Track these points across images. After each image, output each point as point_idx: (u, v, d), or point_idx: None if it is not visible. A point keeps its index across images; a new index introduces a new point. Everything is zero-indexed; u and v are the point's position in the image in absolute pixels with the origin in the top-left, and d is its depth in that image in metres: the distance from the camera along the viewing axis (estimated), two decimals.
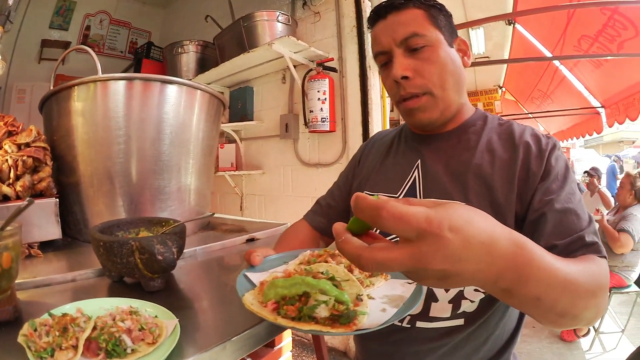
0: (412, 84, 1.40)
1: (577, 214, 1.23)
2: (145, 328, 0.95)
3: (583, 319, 0.96)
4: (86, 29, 5.90)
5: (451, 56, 1.44)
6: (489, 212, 1.26)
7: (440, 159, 1.50)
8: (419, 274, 0.68)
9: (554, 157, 1.34)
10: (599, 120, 9.20)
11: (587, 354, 5.43)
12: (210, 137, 2.44)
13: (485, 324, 1.39)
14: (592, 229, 1.22)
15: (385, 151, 1.72)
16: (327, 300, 0.85)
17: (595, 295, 0.96)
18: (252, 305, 0.93)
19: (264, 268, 1.23)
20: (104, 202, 2.03)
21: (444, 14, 1.46)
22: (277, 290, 0.91)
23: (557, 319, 0.91)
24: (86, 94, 1.98)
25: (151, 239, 1.29)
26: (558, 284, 0.84)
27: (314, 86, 4.19)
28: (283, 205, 5.00)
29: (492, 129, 1.50)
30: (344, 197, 1.80)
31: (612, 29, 5.77)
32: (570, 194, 1.28)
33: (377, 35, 1.48)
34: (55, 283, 1.46)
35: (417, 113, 1.45)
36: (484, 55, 10.09)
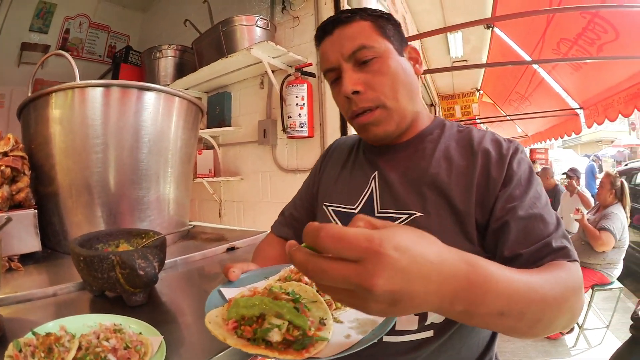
0: (364, 98, 1.38)
1: (542, 219, 1.21)
2: (130, 346, 0.94)
3: (557, 325, 0.97)
4: (65, 32, 5.79)
5: (402, 66, 1.42)
6: (449, 221, 1.27)
7: (396, 169, 1.48)
8: (366, 298, 0.66)
9: (516, 162, 1.32)
10: (577, 121, 9.25)
11: (573, 350, 5.52)
12: (188, 145, 2.42)
13: (458, 334, 1.36)
14: (560, 233, 1.20)
15: (343, 161, 1.71)
16: (280, 324, 0.83)
17: (566, 300, 0.97)
18: (210, 324, 0.91)
19: (242, 283, 1.21)
20: (83, 213, 2.00)
21: (392, 23, 1.45)
22: (238, 309, 0.90)
23: (529, 330, 0.90)
24: (64, 101, 1.96)
25: (132, 254, 1.27)
26: (520, 297, 0.85)
27: (292, 91, 4.14)
28: (262, 211, 4.94)
29: (450, 136, 1.48)
30: (307, 207, 1.79)
31: (592, 32, 5.81)
32: (534, 199, 1.25)
33: (324, 51, 1.46)
34: (36, 298, 1.44)
35: (372, 127, 1.43)
36: (462, 59, 10.14)
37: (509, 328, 0.87)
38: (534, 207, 1.23)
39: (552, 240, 1.16)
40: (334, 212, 1.57)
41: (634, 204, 6.81)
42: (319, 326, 0.89)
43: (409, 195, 1.39)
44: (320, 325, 0.90)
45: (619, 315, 5.86)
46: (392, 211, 1.40)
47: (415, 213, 1.34)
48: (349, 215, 1.51)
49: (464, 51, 9.59)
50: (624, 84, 6.59)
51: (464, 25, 5.58)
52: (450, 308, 0.74)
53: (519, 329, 0.88)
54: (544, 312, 0.90)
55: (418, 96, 1.50)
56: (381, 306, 0.67)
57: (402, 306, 0.68)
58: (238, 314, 0.89)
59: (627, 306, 6.70)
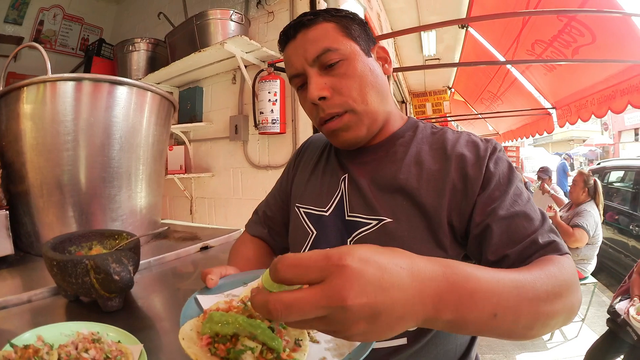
0: (331, 104, 1.33)
1: (526, 216, 1.17)
2: (110, 357, 0.91)
3: (556, 322, 0.93)
4: (39, 24, 5.67)
5: (370, 67, 1.37)
6: (419, 227, 1.26)
7: (365, 173, 1.43)
8: (342, 320, 0.62)
9: (493, 162, 1.28)
10: (549, 121, 9.38)
11: (549, 343, 5.65)
12: (160, 141, 2.36)
13: (433, 342, 1.33)
14: (547, 228, 1.16)
15: (315, 162, 1.66)
16: (253, 347, 0.80)
17: (560, 295, 0.92)
18: (183, 340, 0.86)
19: (220, 290, 1.16)
20: (54, 213, 1.94)
21: (357, 23, 1.40)
22: (212, 325, 0.85)
23: (528, 332, 0.87)
24: (35, 95, 1.89)
25: (106, 257, 1.23)
26: (511, 295, 0.82)
27: (264, 87, 4.12)
28: (233, 208, 4.93)
29: (423, 139, 1.43)
30: (280, 206, 1.75)
31: (568, 35, 5.89)
32: (516, 196, 1.21)
33: (288, 57, 1.41)
34: (11, 305, 1.38)
35: (341, 133, 1.38)
36: (434, 57, 10.22)
37: (507, 332, 0.84)
38: (515, 205, 1.19)
39: (538, 236, 1.12)
40: (305, 214, 1.54)
41: (606, 202, 6.91)
42: (294, 347, 0.86)
43: (378, 200, 1.35)
44: (295, 345, 0.86)
45: (594, 309, 6.01)
46: (362, 216, 1.37)
47: (385, 219, 1.31)
48: (320, 217, 1.49)
49: (437, 50, 9.68)
50: (599, 85, 6.69)
51: (438, 24, 5.61)
52: (438, 316, 0.70)
53: (516, 331, 0.85)
54: (539, 309, 0.86)
55: (389, 97, 1.46)
56: (361, 325, 0.63)
57: (384, 320, 0.64)
58: (212, 330, 0.85)
59: (602, 300, 6.84)
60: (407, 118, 1.54)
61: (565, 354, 5.33)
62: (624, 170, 9.79)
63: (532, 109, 9.63)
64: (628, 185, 9.19)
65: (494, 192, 1.21)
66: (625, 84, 6.04)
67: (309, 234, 1.48)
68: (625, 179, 9.68)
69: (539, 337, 0.91)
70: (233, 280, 1.20)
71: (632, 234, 8.03)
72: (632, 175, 9.04)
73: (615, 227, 8.92)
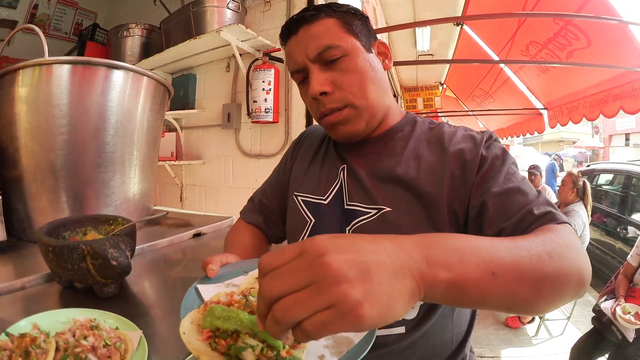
0: (332, 99, 1.35)
1: (520, 191, 1.17)
2: (109, 344, 0.90)
3: (567, 289, 0.87)
4: (34, 8, 5.58)
5: (370, 63, 1.39)
6: (419, 216, 1.28)
7: (364, 165, 1.45)
8: (329, 280, 0.60)
9: (487, 147, 1.30)
10: (541, 121, 9.41)
11: (534, 339, 5.66)
12: (155, 127, 2.36)
13: (431, 331, 1.35)
14: (542, 200, 1.16)
15: (315, 152, 1.68)
16: (254, 345, 0.80)
17: (564, 256, 0.88)
18: (184, 335, 0.86)
19: (221, 279, 1.15)
20: (48, 199, 1.93)
21: (358, 18, 1.41)
22: (213, 320, 0.85)
23: (537, 297, 0.82)
24: (31, 78, 1.87)
25: (103, 243, 1.22)
26: (506, 253, 0.80)
27: (259, 76, 4.12)
28: (223, 196, 4.92)
29: (421, 134, 1.45)
30: (277, 195, 1.75)
31: (563, 38, 5.90)
32: (509, 175, 1.22)
33: (290, 52, 1.42)
34: (4, 292, 1.36)
35: (340, 127, 1.40)
36: (428, 53, 10.21)
37: (515, 296, 0.79)
38: (508, 182, 1.20)
39: (533, 207, 1.11)
40: (304, 203, 1.55)
41: (594, 204, 6.93)
42: (293, 344, 0.85)
43: (377, 190, 1.37)
44: (294, 342, 0.85)
45: (579, 308, 6.06)
46: (361, 205, 1.38)
47: (384, 208, 1.32)
48: (318, 205, 1.50)
49: (430, 45, 9.68)
50: (592, 89, 6.72)
51: (434, 21, 5.60)
52: (434, 275, 0.69)
53: (525, 296, 0.80)
54: (542, 267, 0.82)
55: (388, 91, 1.48)
56: (358, 285, 0.60)
57: (378, 277, 0.63)
58: (213, 324, 0.85)
59: (587, 299, 6.87)
60: (405, 113, 1.56)
61: (550, 351, 5.36)
62: (613, 173, 9.87)
63: (524, 109, 9.65)
64: (617, 189, 9.25)
65: (488, 172, 1.23)
66: (618, 90, 6.07)
67: (307, 222, 1.49)
68: (614, 182, 9.76)
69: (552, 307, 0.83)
70: (233, 269, 1.19)
71: (619, 236, 8.09)
72: (621, 179, 9.10)
73: (602, 229, 8.98)
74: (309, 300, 0.60)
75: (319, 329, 0.59)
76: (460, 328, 1.44)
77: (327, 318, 0.59)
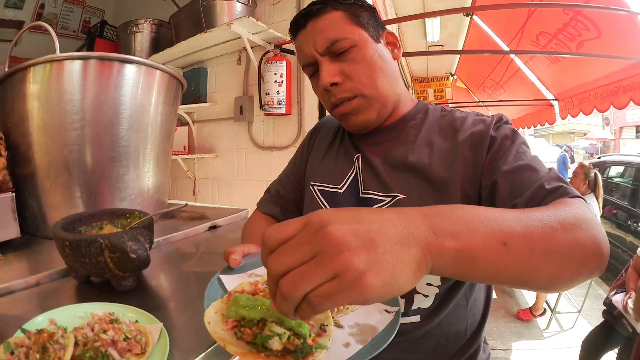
0: (342, 89, 1.38)
1: (531, 168, 1.17)
2: (129, 337, 0.89)
3: (587, 257, 0.84)
4: (40, 8, 5.59)
5: (379, 52, 1.41)
6: (432, 201, 1.30)
7: (377, 153, 1.48)
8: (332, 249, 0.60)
9: (496, 129, 1.31)
10: (552, 112, 9.36)
11: (545, 332, 5.72)
12: (169, 121, 2.35)
13: (446, 320, 1.37)
14: (554, 175, 1.15)
15: (330, 142, 1.71)
16: (281, 333, 0.79)
17: (578, 226, 0.84)
18: (209, 324, 0.86)
19: (243, 269, 1.15)
20: (62, 194, 1.92)
21: (365, 10, 1.43)
22: (238, 309, 0.86)
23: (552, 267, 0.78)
24: (42, 75, 1.86)
25: (121, 236, 1.21)
26: (515, 222, 0.77)
27: (270, 68, 4.13)
28: (236, 189, 4.92)
29: (433, 121, 1.47)
30: (293, 185, 1.78)
31: (573, 28, 5.88)
32: (519, 153, 1.22)
33: (300, 46, 1.46)
34: (19, 289, 1.35)
35: (351, 117, 1.44)
36: (438, 44, 10.18)
37: (528, 270, 0.76)
38: (518, 160, 1.20)
39: (544, 182, 1.11)
40: (320, 192, 1.57)
41: (605, 196, 6.92)
42: (319, 331, 0.86)
43: (391, 178, 1.39)
44: (320, 330, 0.87)
45: (590, 302, 6.07)
46: (376, 193, 1.41)
47: (398, 195, 1.35)
48: (334, 194, 1.53)
49: (440, 36, 9.64)
50: (602, 80, 6.71)
51: (443, 12, 5.56)
52: (441, 244, 0.67)
53: (539, 268, 0.77)
54: (555, 236, 0.79)
55: (399, 80, 1.50)
56: (362, 254, 0.60)
57: (383, 245, 0.62)
58: (238, 314, 0.85)
59: (598, 293, 6.92)
60: (417, 101, 1.58)
61: (561, 344, 5.39)
62: (624, 165, 9.87)
63: (535, 100, 9.61)
64: (627, 181, 9.25)
65: (497, 152, 1.25)
66: (628, 81, 6.06)
67: None
68: (625, 175, 9.75)
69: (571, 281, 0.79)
70: (255, 259, 1.19)
71: (629, 229, 8.09)
72: (632, 171, 9.10)
73: (613, 221, 8.98)
74: (314, 271, 0.60)
75: (324, 301, 0.59)
76: (474, 317, 1.45)
77: (331, 289, 0.59)
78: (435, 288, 1.33)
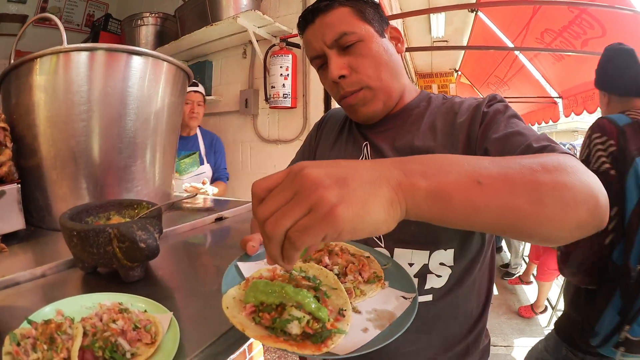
0: (350, 82, 1.44)
1: (521, 133, 1.17)
2: (139, 326, 0.88)
3: (577, 198, 0.79)
4: (44, 2, 5.62)
5: (384, 47, 1.46)
6: None
7: (385, 139, 1.52)
8: (308, 187, 0.65)
9: (489, 105, 1.35)
10: (555, 110, 9.39)
11: (546, 329, 5.65)
12: (175, 113, 2.35)
13: (455, 300, 1.42)
14: (543, 137, 1.13)
15: (338, 131, 1.74)
16: (300, 317, 0.80)
17: (564, 171, 0.81)
18: (227, 309, 0.86)
19: (260, 257, 1.15)
20: (68, 185, 1.92)
21: (370, 6, 1.47)
22: (257, 294, 0.86)
23: (539, 208, 0.75)
24: (49, 66, 1.86)
25: (130, 225, 1.20)
26: (489, 164, 0.77)
27: (276, 62, 4.16)
28: (242, 181, 4.93)
29: (435, 108, 1.51)
30: None
31: (578, 26, 5.89)
32: (510, 123, 1.24)
33: (308, 40, 1.50)
34: (24, 280, 1.34)
35: (359, 107, 1.50)
36: (442, 39, 10.18)
37: (511, 210, 0.74)
38: (509, 127, 1.22)
39: (532, 142, 1.10)
40: None
41: None
42: (337, 316, 0.86)
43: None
44: (338, 315, 0.87)
45: None
46: None
47: None
48: None
49: (445, 32, 9.66)
50: None
51: (448, 7, 5.59)
52: (412, 183, 0.70)
53: (523, 208, 0.75)
54: (537, 178, 0.77)
55: (402, 73, 1.55)
56: (334, 189, 0.64)
57: (355, 183, 0.67)
58: (257, 299, 0.85)
59: None
60: (420, 91, 1.64)
61: None
62: None
63: (539, 97, 9.64)
64: None
65: (489, 123, 1.28)
66: None
67: None
68: None
69: (564, 225, 0.74)
70: None
71: None
72: None
73: None
74: (292, 209, 0.65)
75: (301, 235, 0.63)
76: (480, 299, 1.51)
77: (307, 222, 0.63)
78: (448, 268, 1.37)
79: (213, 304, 0.85)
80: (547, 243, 0.88)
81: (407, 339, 1.37)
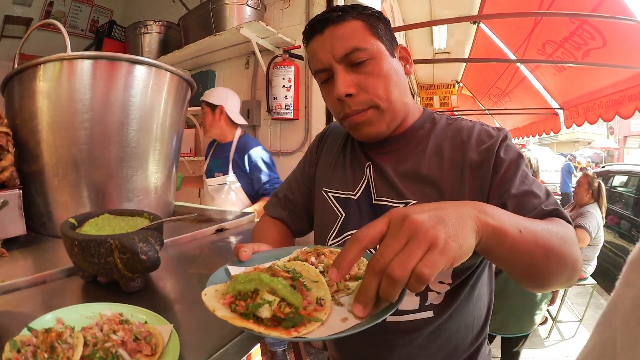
0: (357, 101, 1.37)
1: (533, 194, 1.27)
2: (139, 338, 0.87)
3: (565, 268, 1.08)
4: (49, 5, 5.64)
5: (394, 67, 1.41)
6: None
7: (388, 162, 1.48)
8: (419, 230, 0.77)
9: (504, 150, 1.34)
10: (556, 121, 9.40)
11: (546, 341, 5.72)
12: (177, 123, 2.33)
13: (455, 314, 1.42)
14: (552, 201, 1.27)
15: (340, 148, 1.69)
16: (271, 300, 0.82)
17: (567, 241, 1.08)
18: (205, 295, 0.90)
19: (252, 263, 1.14)
20: (69, 193, 1.92)
21: (382, 22, 1.42)
22: (236, 285, 0.88)
23: (545, 261, 1.02)
24: (53, 73, 1.86)
25: (132, 237, 1.19)
26: (525, 222, 1.00)
27: (279, 73, 4.16)
28: None
29: (441, 130, 1.49)
30: (302, 190, 1.77)
31: (579, 37, 5.92)
32: (523, 177, 1.31)
33: (315, 51, 1.43)
34: (25, 287, 1.34)
35: (364, 127, 1.43)
36: (444, 51, 10.20)
37: (531, 257, 0.99)
38: (523, 185, 1.29)
39: (543, 205, 1.24)
40: (334, 198, 1.58)
41: (608, 205, 6.93)
42: (316, 307, 0.88)
43: (404, 186, 1.41)
44: (317, 306, 0.88)
45: (591, 311, 6.07)
46: (389, 200, 1.43)
47: (411, 201, 1.37)
48: (348, 200, 1.53)
49: (447, 43, 9.68)
50: (607, 89, 6.74)
51: (450, 20, 5.59)
52: (485, 219, 0.88)
53: (538, 259, 1.00)
54: (551, 240, 1.03)
55: (408, 93, 1.51)
56: (441, 228, 0.78)
57: (451, 221, 0.81)
58: (235, 289, 0.88)
59: (600, 302, 6.89)
60: (423, 110, 1.60)
61: (562, 353, 5.39)
62: (628, 175, 9.87)
63: (540, 108, 9.64)
64: (631, 191, 9.27)
65: (505, 175, 1.31)
66: (633, 90, 6.11)
67: (339, 216, 1.54)
68: (628, 184, 9.77)
69: (554, 280, 1.00)
70: (266, 255, 1.20)
71: (632, 239, 8.10)
72: (635, 181, 9.12)
73: (616, 230, 8.99)
74: (415, 249, 0.75)
75: (432, 269, 0.74)
76: (480, 311, 1.52)
77: (432, 258, 0.75)
78: (447, 285, 1.38)
79: (213, 316, 0.85)
80: (540, 289, 1.16)
81: (410, 354, 1.42)
